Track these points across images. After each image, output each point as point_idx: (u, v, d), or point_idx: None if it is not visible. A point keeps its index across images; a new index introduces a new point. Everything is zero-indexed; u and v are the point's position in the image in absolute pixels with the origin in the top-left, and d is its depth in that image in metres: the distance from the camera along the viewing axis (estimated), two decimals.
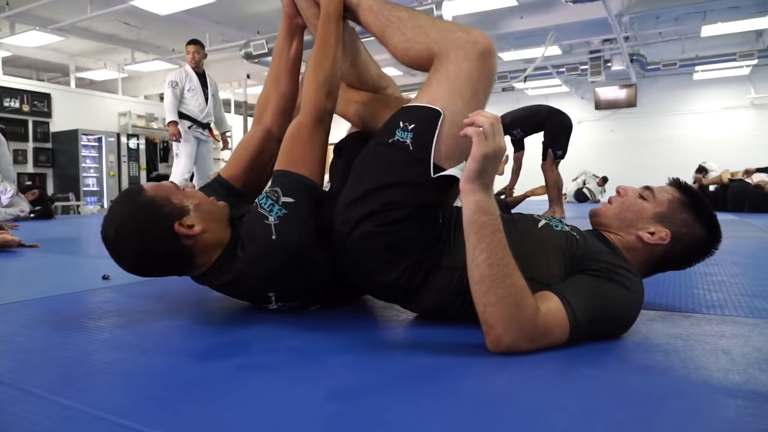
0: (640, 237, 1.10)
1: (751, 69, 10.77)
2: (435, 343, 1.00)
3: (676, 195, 1.14)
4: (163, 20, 7.38)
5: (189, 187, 1.16)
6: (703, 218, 1.12)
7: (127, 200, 1.09)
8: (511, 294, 0.88)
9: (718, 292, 1.45)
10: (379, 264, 1.08)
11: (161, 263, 1.10)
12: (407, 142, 1.07)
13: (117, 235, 1.06)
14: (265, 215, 1.07)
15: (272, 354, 0.94)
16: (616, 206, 1.16)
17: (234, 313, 1.27)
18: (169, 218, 1.06)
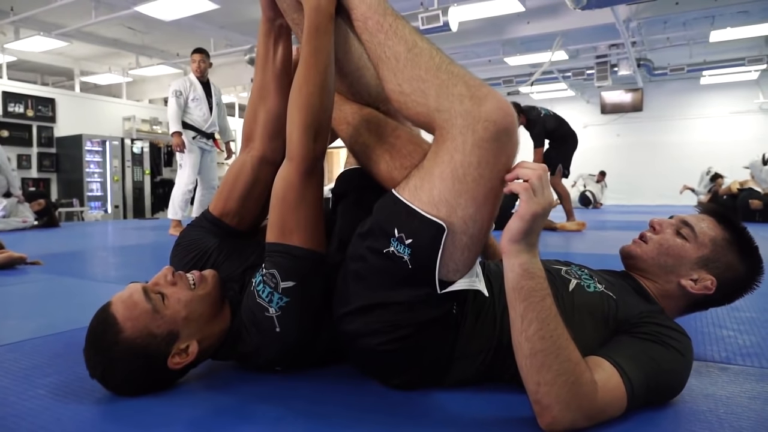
0: (682, 286, 1.02)
1: (759, 73, 10.67)
2: (463, 415, 0.93)
3: (719, 233, 1.04)
4: (168, 25, 7.35)
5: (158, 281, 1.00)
6: (746, 256, 1.03)
7: (104, 348, 0.92)
8: (568, 370, 0.78)
9: (750, 333, 1.37)
10: (386, 374, 1.00)
11: (159, 387, 0.99)
12: (405, 259, 0.88)
13: (105, 381, 0.95)
14: (265, 306, 0.95)
15: (278, 424, 0.87)
16: (653, 248, 1.06)
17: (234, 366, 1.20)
18: (160, 358, 0.94)
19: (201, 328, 0.99)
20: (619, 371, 0.84)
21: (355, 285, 0.94)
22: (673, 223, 1.08)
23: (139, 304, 0.94)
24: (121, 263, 3.10)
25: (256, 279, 0.98)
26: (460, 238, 0.86)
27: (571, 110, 13.29)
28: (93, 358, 0.94)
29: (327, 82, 0.97)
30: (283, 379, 1.05)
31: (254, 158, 1.17)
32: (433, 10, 6.24)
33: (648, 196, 11.99)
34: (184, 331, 0.96)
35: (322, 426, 0.86)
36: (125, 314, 0.93)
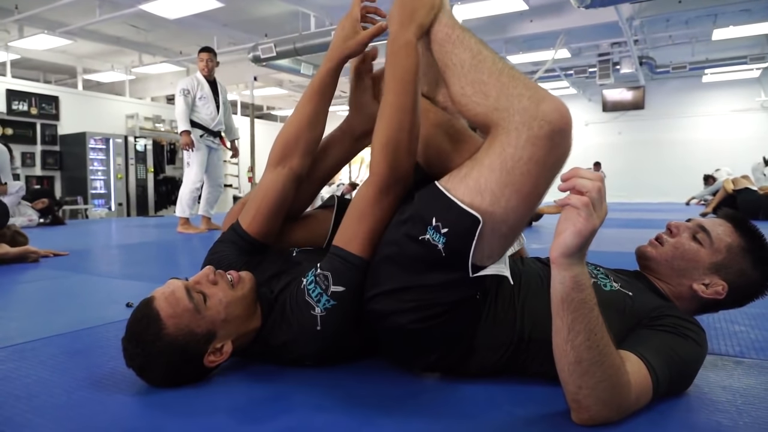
0: (693, 289, 1.06)
1: (761, 71, 10.70)
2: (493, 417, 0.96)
3: (735, 239, 1.06)
4: (171, 23, 7.36)
5: (200, 280, 1.03)
6: (761, 263, 1.05)
7: (146, 342, 0.96)
8: (610, 376, 0.81)
9: (761, 329, 1.41)
10: (412, 353, 1.04)
11: (191, 382, 1.03)
12: (439, 247, 0.92)
13: (142, 372, 1.00)
14: (312, 305, 1.00)
15: (322, 412, 0.91)
16: (668, 251, 1.09)
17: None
18: (197, 356, 0.99)
19: (237, 328, 1.03)
20: (645, 363, 0.87)
21: (388, 268, 0.99)
22: (690, 227, 1.09)
23: (181, 302, 0.97)
24: (131, 261, 3.14)
25: (308, 278, 1.03)
26: (499, 227, 0.90)
27: (572, 108, 13.12)
28: (133, 350, 0.98)
29: (407, 104, 1.00)
30: (318, 372, 1.09)
31: (288, 175, 1.22)
32: None
33: (650, 193, 12.03)
34: (221, 332, 1.01)
35: (361, 413, 0.89)
36: (168, 311, 0.96)
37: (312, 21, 7.57)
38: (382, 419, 0.88)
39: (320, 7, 7.50)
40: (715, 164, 9.51)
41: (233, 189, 12.01)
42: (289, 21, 7.96)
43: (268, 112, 14.87)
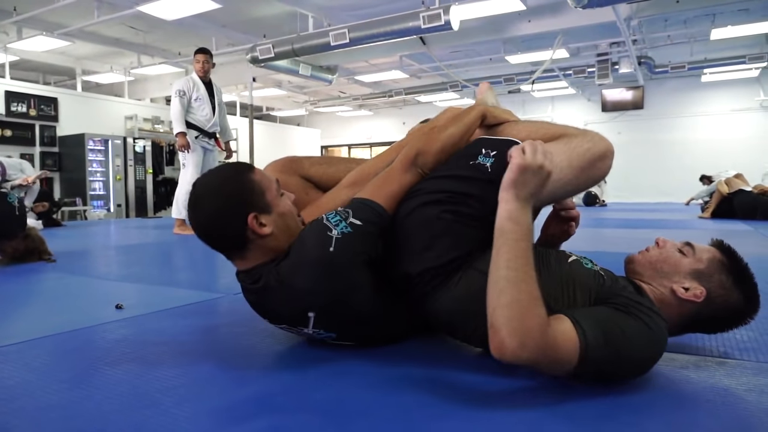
0: (673, 290, 1.09)
1: (760, 71, 10.68)
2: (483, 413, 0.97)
3: (717, 255, 1.12)
4: (169, 24, 7.38)
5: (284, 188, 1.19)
6: (741, 285, 1.09)
7: (233, 170, 1.13)
8: (523, 299, 0.89)
9: (747, 329, 1.40)
10: (423, 243, 1.11)
11: (221, 237, 1.13)
12: (486, 165, 1.15)
13: (203, 192, 1.12)
14: (330, 227, 1.07)
15: (296, 414, 0.91)
16: (653, 255, 1.15)
17: (257, 355, 1.24)
18: (250, 207, 1.09)
19: (280, 229, 1.12)
20: (576, 325, 0.92)
21: (437, 182, 1.17)
22: (677, 243, 1.16)
23: (272, 181, 1.15)
24: (128, 261, 3.14)
25: (329, 213, 1.12)
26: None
27: (572, 108, 13.33)
28: (219, 169, 1.17)
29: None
30: (304, 367, 1.09)
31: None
32: (434, 9, 6.27)
33: (649, 193, 12.02)
34: (273, 214, 1.12)
35: (340, 415, 0.90)
36: (260, 174, 1.15)
37: (310, 22, 7.57)
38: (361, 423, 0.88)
39: (318, 8, 7.51)
40: (714, 164, 9.49)
41: None
42: (287, 22, 7.97)
43: (267, 113, 14.88)
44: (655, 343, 0.98)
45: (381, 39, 6.93)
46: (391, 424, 0.87)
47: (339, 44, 7.09)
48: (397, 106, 14.97)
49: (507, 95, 13.15)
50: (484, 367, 1.09)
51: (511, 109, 1.45)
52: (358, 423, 0.88)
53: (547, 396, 0.97)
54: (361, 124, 15.96)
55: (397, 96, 12.34)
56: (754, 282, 1.09)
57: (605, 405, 0.92)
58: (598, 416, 0.88)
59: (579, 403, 0.93)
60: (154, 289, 2.16)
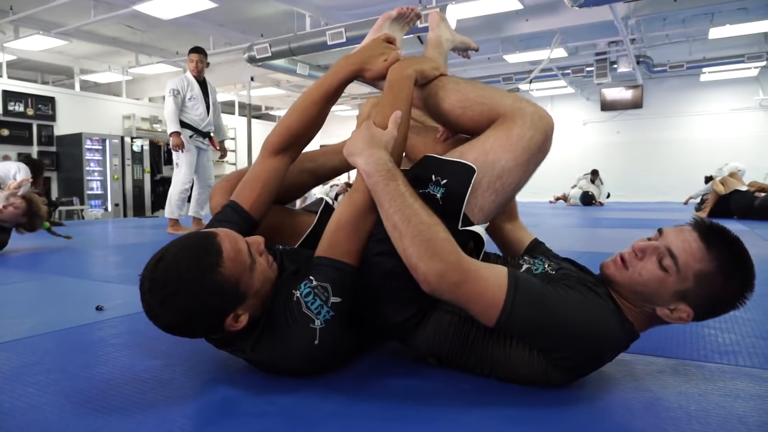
0: (656, 313, 0.99)
1: (759, 70, 10.65)
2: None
3: (706, 265, 0.94)
4: (167, 24, 7.37)
5: (258, 245, 1.02)
6: (734, 278, 0.95)
7: (191, 269, 0.92)
8: (422, 230, 0.92)
9: (730, 332, 1.39)
10: (387, 297, 1.07)
11: (191, 335, 1.02)
12: (437, 197, 1.06)
13: (167, 293, 0.91)
14: (312, 318, 0.98)
15: (262, 419, 0.90)
16: (632, 277, 1.00)
17: (228, 359, 1.23)
18: (226, 310, 0.95)
19: (254, 307, 1.00)
20: (510, 272, 0.94)
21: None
22: (657, 250, 0.98)
23: (242, 253, 0.97)
24: (119, 262, 3.13)
25: (303, 289, 1.00)
26: (494, 182, 1.06)
27: (571, 107, 13.29)
28: (167, 276, 0.91)
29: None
30: (266, 378, 1.07)
31: (288, 166, 1.26)
32: (431, 7, 6.25)
33: (648, 193, 11.98)
34: (248, 301, 0.98)
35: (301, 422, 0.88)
36: (230, 254, 0.94)
37: (307, 21, 7.56)
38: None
39: (315, 7, 7.50)
40: (714, 163, 9.44)
41: None
42: (284, 21, 7.95)
43: (266, 112, 14.87)
44: (598, 325, 0.95)
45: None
46: (355, 429, 0.86)
47: (336, 43, 7.07)
48: None
49: None
50: (442, 377, 1.07)
51: None
52: (323, 427, 0.86)
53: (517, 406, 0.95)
54: None
55: None
56: (749, 266, 0.96)
57: (579, 409, 0.91)
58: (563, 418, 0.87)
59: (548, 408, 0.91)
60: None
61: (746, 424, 0.86)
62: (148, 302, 0.93)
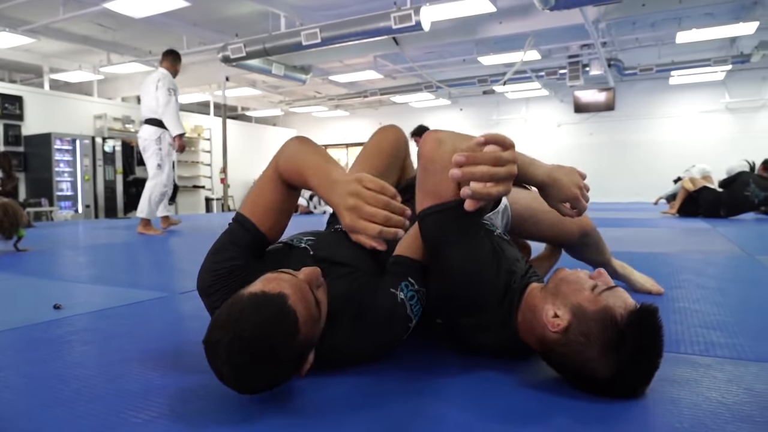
0: (544, 310, 0.95)
1: (725, 74, 10.95)
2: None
3: (615, 315, 0.87)
4: (139, 22, 7.26)
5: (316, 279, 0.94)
6: (623, 360, 0.85)
7: (278, 345, 0.83)
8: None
9: (678, 323, 1.44)
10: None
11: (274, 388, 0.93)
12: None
13: (240, 378, 0.84)
14: (412, 318, 1.04)
15: (219, 414, 0.90)
16: (567, 275, 0.98)
17: (183, 354, 1.22)
18: (300, 364, 0.91)
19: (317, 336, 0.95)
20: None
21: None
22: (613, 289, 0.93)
23: (312, 308, 0.89)
24: (85, 262, 3.08)
25: (407, 292, 1.04)
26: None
27: (545, 109, 13.48)
28: (252, 351, 0.81)
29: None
30: None
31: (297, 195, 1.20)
32: (405, 9, 6.29)
33: (620, 193, 12.22)
34: (315, 340, 0.93)
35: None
36: (305, 318, 0.86)
37: (282, 21, 7.53)
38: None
39: (290, 7, 7.47)
40: (682, 165, 9.67)
41: (206, 190, 11.89)
42: (259, 21, 7.91)
43: (242, 113, 14.75)
44: (480, 271, 1.02)
45: (353, 39, 6.93)
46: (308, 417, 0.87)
47: (311, 44, 7.06)
48: (373, 107, 14.97)
49: (481, 96, 13.27)
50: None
51: (486, 110, 1.41)
52: (272, 419, 0.87)
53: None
54: (337, 124, 15.92)
55: (372, 96, 12.35)
56: (645, 366, 0.88)
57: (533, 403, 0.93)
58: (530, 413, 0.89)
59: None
60: (101, 289, 2.12)
61: (677, 405, 0.90)
62: (223, 377, 0.85)
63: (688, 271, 2.32)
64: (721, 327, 1.40)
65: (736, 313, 1.56)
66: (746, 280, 2.19)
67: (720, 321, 1.46)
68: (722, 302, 1.70)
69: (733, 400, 0.92)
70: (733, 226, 4.79)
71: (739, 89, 11.62)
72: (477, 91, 12.33)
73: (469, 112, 14.02)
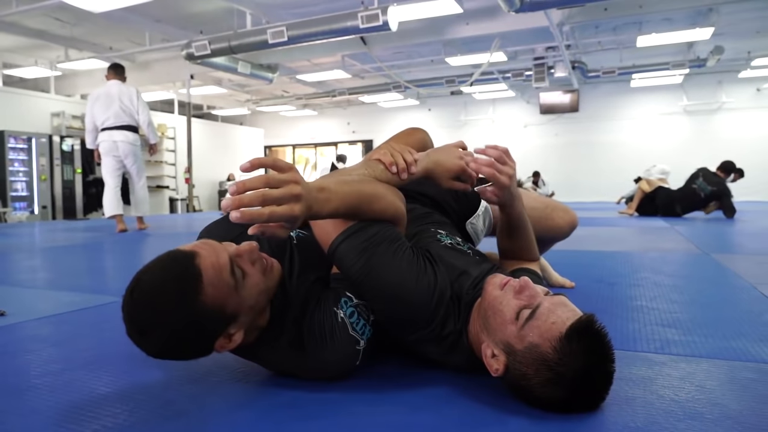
0: (482, 347, 0.93)
1: (683, 77, 11.33)
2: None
3: (544, 349, 0.82)
4: (98, 17, 7.05)
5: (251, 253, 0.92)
6: (565, 388, 0.82)
7: (171, 298, 0.82)
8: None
9: (635, 321, 1.47)
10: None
11: (183, 359, 0.93)
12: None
13: (143, 335, 0.84)
14: (357, 339, 0.96)
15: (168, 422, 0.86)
16: (494, 299, 0.92)
17: (126, 358, 1.18)
18: (211, 335, 0.87)
19: (253, 319, 0.93)
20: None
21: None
22: (534, 297, 0.89)
23: (224, 273, 0.86)
24: (36, 266, 2.95)
25: (346, 309, 0.97)
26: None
27: (512, 110, 13.69)
28: (145, 306, 0.82)
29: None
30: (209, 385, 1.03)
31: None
32: (372, 9, 6.28)
33: (584, 193, 12.52)
34: (241, 317, 0.90)
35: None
36: (211, 278, 0.84)
37: (248, 19, 7.42)
38: None
39: (257, 4, 7.37)
40: (643, 165, 9.96)
41: (170, 191, 11.62)
42: (224, 18, 7.78)
43: (208, 111, 14.48)
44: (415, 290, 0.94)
45: (320, 38, 6.88)
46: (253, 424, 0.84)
47: (277, 42, 6.98)
48: (342, 106, 14.92)
49: (449, 96, 13.38)
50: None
51: (454, 110, 1.38)
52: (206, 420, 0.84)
53: None
54: (306, 123, 15.81)
55: (341, 96, 12.31)
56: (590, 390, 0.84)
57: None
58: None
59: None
60: (53, 294, 2.03)
61: (632, 405, 0.90)
62: (129, 333, 0.85)
63: (646, 269, 2.37)
64: (677, 324, 1.43)
65: (691, 310, 1.60)
66: (701, 277, 2.26)
67: (675, 318, 1.49)
68: (678, 299, 1.74)
69: (686, 397, 0.93)
70: (690, 225, 4.95)
71: (696, 92, 12.05)
72: (445, 92, 12.43)
73: (437, 113, 14.12)
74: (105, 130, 4.96)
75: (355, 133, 15.41)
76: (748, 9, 7.63)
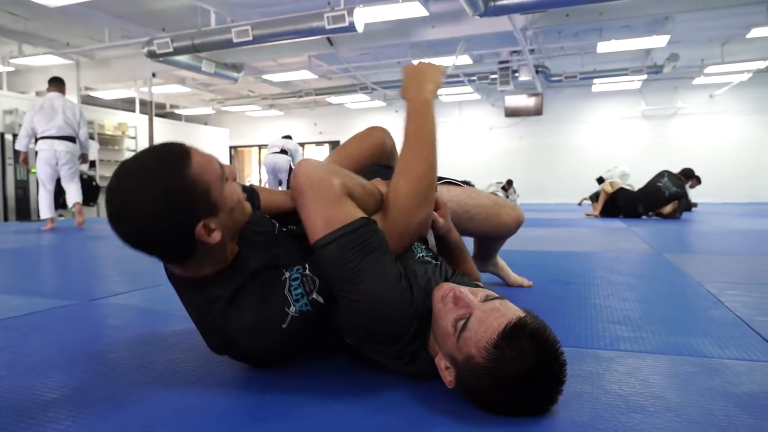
0: (436, 360, 0.94)
1: (641, 83, 11.70)
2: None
3: (478, 357, 0.82)
4: (55, 12, 6.80)
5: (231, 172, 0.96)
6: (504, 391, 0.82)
7: (166, 163, 0.87)
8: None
9: (587, 318, 1.51)
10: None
11: (160, 248, 0.91)
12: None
13: (131, 195, 0.85)
14: (289, 302, 0.95)
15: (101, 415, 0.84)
16: (438, 309, 0.95)
17: (78, 359, 1.14)
18: (195, 214, 0.88)
19: (228, 230, 0.95)
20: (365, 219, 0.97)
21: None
22: (469, 307, 0.89)
23: (213, 162, 0.93)
24: None
25: (293, 273, 0.98)
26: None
27: (477, 112, 13.87)
28: (134, 171, 0.87)
29: (434, 159, 1.16)
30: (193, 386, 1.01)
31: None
32: (339, 9, 6.26)
33: (548, 195, 12.78)
34: (221, 215, 0.92)
35: None
36: (200, 159, 0.90)
37: (212, 17, 7.29)
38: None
39: (221, 3, 7.25)
40: (603, 168, 10.24)
41: None
42: (188, 16, 7.62)
43: (171, 110, 14.16)
44: (391, 303, 0.93)
45: (286, 38, 6.82)
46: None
47: (242, 41, 6.88)
48: (309, 107, 14.83)
49: None
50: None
51: None
52: (181, 423, 0.82)
53: None
54: (272, 124, 15.64)
55: (307, 96, 12.22)
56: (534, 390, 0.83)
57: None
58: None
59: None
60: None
61: (579, 400, 0.93)
62: (112, 208, 0.86)
63: (601, 268, 2.44)
64: (627, 321, 1.47)
65: (642, 307, 1.65)
66: (652, 276, 2.34)
67: (626, 316, 1.54)
68: (630, 297, 1.80)
69: (630, 391, 0.97)
70: (647, 226, 5.11)
71: (653, 98, 12.47)
72: None
73: (404, 115, 14.18)
74: (45, 138, 5.40)
75: (322, 134, 15.34)
76: (702, 18, 7.94)
